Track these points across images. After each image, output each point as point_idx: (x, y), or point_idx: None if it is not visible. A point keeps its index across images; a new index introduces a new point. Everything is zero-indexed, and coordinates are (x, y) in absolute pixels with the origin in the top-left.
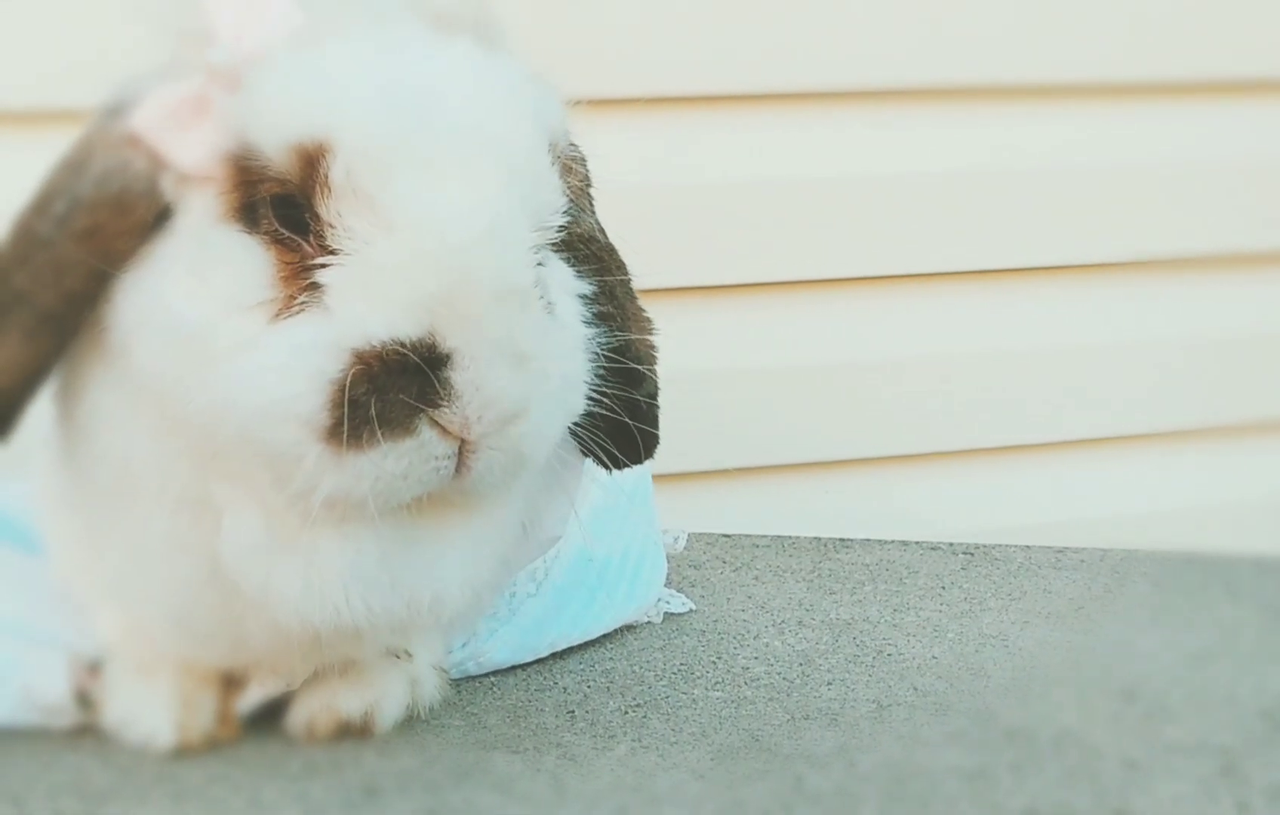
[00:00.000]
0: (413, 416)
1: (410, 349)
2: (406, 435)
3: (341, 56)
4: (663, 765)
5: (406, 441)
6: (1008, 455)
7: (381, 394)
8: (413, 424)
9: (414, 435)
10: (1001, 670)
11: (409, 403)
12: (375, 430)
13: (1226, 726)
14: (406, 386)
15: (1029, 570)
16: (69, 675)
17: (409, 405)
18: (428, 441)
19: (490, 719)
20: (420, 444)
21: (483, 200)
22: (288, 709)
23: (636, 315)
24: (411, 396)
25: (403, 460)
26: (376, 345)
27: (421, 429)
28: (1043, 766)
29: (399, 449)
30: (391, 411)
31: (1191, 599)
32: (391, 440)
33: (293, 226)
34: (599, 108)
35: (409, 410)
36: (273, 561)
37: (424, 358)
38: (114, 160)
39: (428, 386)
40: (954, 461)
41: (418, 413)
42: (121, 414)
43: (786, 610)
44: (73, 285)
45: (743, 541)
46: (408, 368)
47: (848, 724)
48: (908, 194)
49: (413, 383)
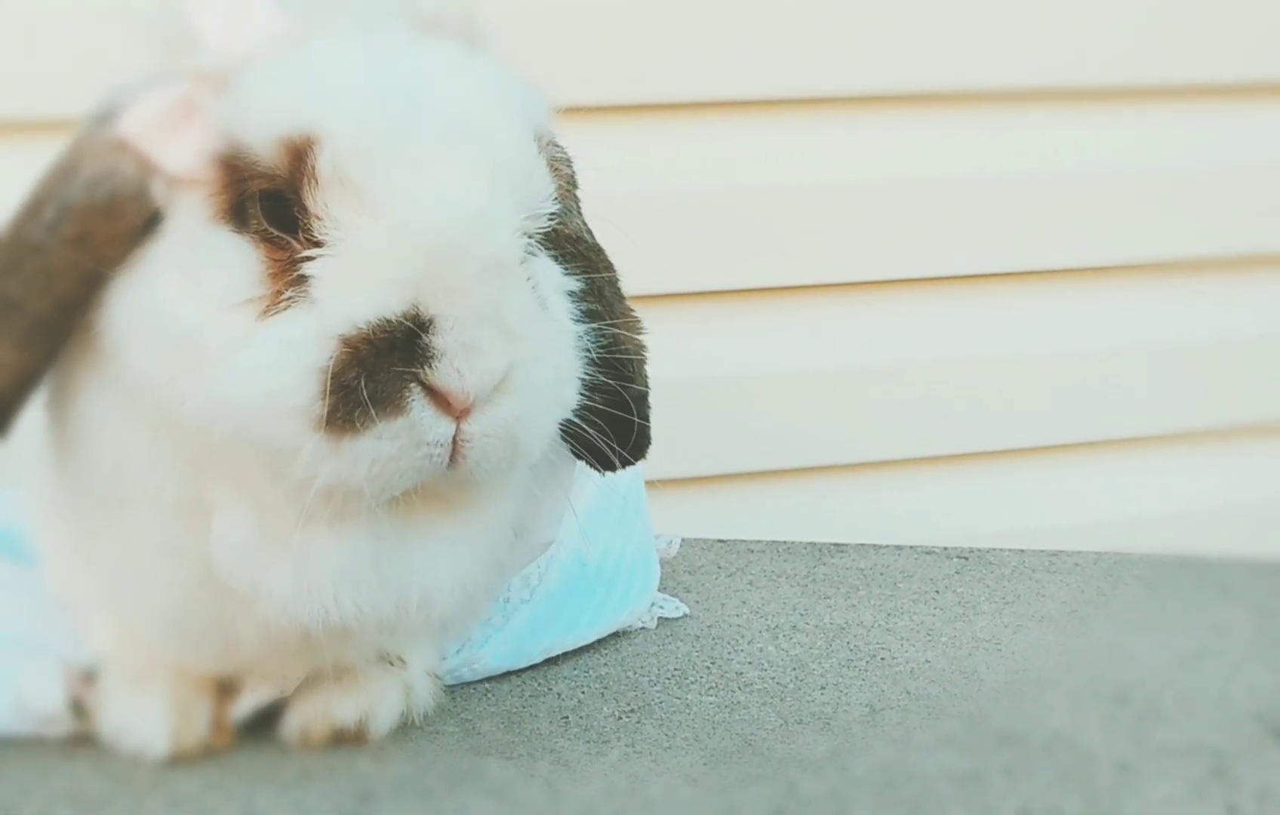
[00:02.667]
0: (403, 390)
1: (395, 324)
2: (399, 413)
3: (328, 55)
4: (656, 770)
5: (399, 420)
6: (1002, 460)
7: (371, 374)
8: (404, 401)
9: (406, 413)
10: (994, 674)
11: (398, 372)
12: (368, 412)
13: (1218, 729)
14: (394, 360)
15: (1022, 574)
16: (64, 684)
17: (398, 376)
18: (420, 420)
19: (484, 725)
20: (413, 423)
21: (470, 186)
22: (282, 716)
23: (625, 314)
24: (399, 364)
25: (397, 440)
26: (363, 328)
27: (413, 406)
28: (1035, 770)
29: (393, 428)
30: (383, 390)
31: (1184, 602)
32: (385, 419)
33: (281, 224)
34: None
35: (399, 383)
36: (263, 560)
37: (408, 328)
38: (103, 166)
39: (413, 351)
40: (948, 466)
41: (408, 384)
42: (114, 418)
43: (781, 615)
44: (64, 291)
45: (737, 546)
46: (395, 343)
47: (841, 728)
48: (902, 199)
49: (399, 353)
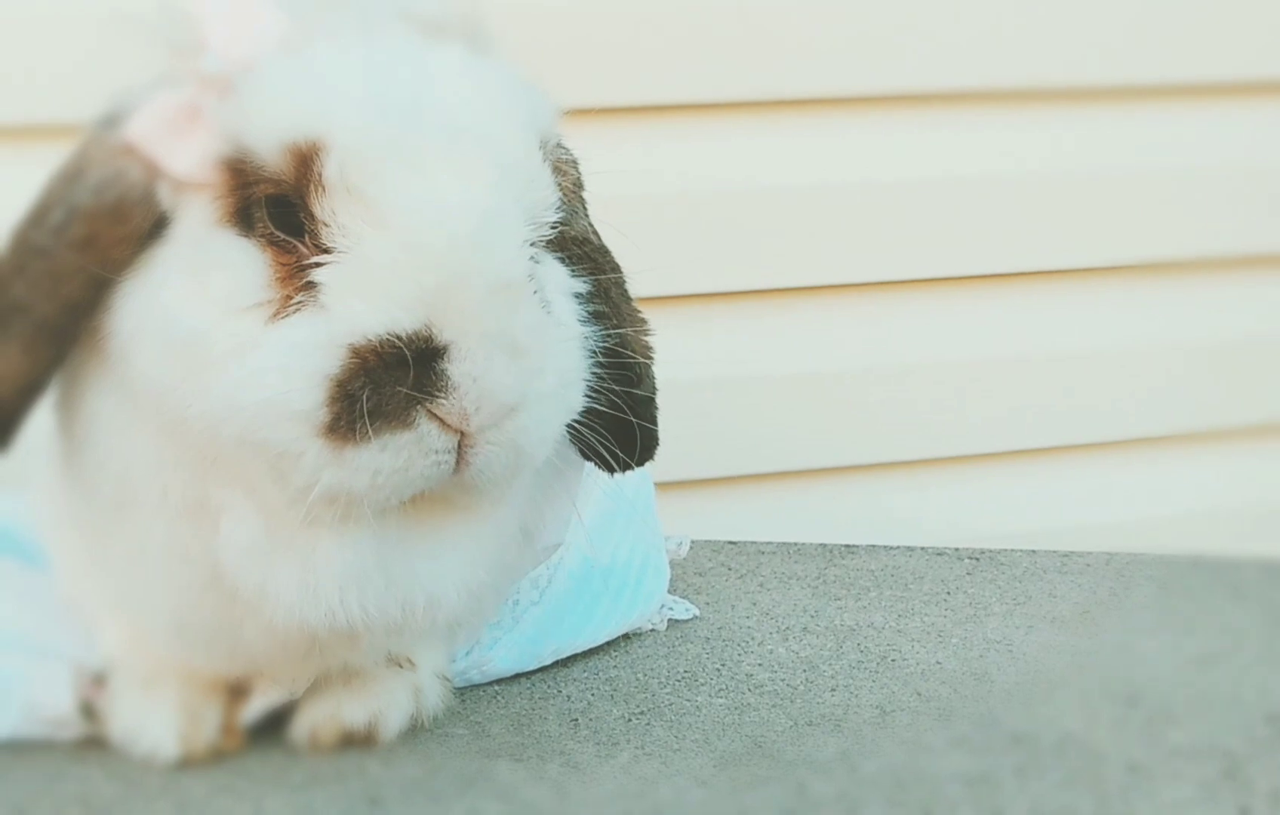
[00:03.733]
0: (410, 409)
1: (405, 342)
2: (404, 428)
3: (333, 59)
4: (665, 772)
5: (404, 435)
6: (1014, 461)
7: (378, 388)
8: (410, 417)
9: (412, 429)
10: (1005, 675)
11: (406, 394)
12: (373, 424)
13: (1230, 730)
14: (402, 379)
15: (1034, 575)
16: (74, 688)
17: (406, 397)
18: (426, 435)
19: (494, 728)
20: (418, 437)
21: (475, 195)
22: (291, 719)
23: (631, 315)
24: (408, 388)
25: (401, 454)
26: (372, 340)
27: (419, 422)
28: (1045, 771)
29: (397, 442)
30: (388, 405)
31: (1197, 603)
32: (390, 433)
33: (288, 228)
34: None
35: (406, 402)
36: (270, 563)
37: (419, 350)
38: (110, 169)
39: (424, 378)
40: (959, 467)
41: (415, 405)
42: (121, 421)
43: (791, 616)
44: (71, 294)
45: (748, 548)
46: (403, 361)
47: (851, 730)
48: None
49: (409, 375)
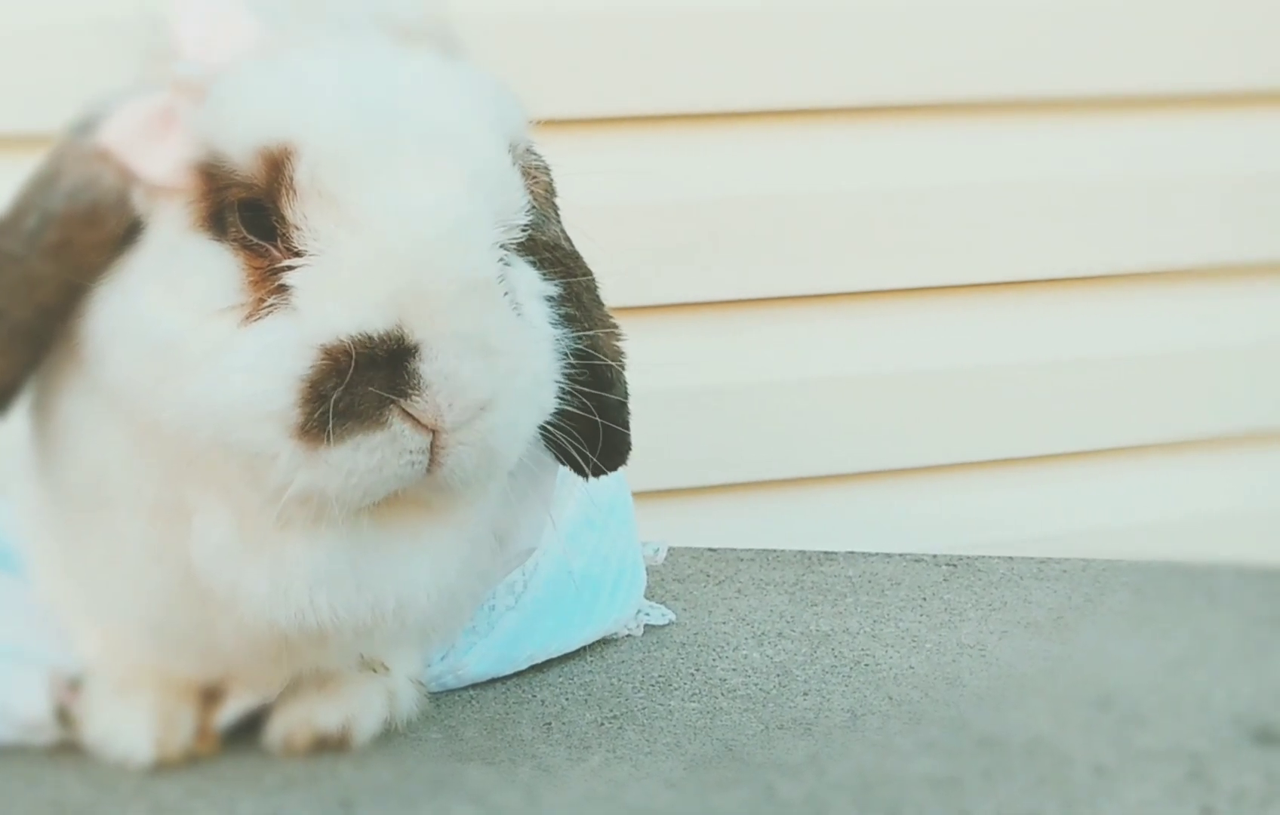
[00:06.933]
0: (383, 408)
1: (377, 342)
2: (377, 428)
3: (305, 64)
4: (636, 775)
5: (378, 434)
6: (991, 468)
7: (350, 388)
8: (383, 416)
9: (385, 428)
10: (977, 679)
11: (378, 395)
12: (345, 423)
13: (1198, 732)
14: (375, 379)
15: (1010, 581)
16: (49, 692)
17: (378, 397)
18: (399, 434)
19: (467, 731)
20: (392, 437)
21: (446, 197)
22: (265, 723)
23: (603, 319)
24: (380, 388)
25: (375, 453)
26: (344, 340)
27: (392, 421)
28: (1013, 774)
29: (370, 441)
30: (361, 404)
31: (1171, 607)
32: (363, 433)
33: (260, 232)
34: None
35: (378, 402)
36: (241, 562)
37: (391, 350)
38: (84, 175)
39: (396, 377)
40: (937, 474)
41: (387, 404)
42: (95, 424)
43: (767, 622)
44: (45, 299)
45: (727, 555)
46: (376, 361)
47: (821, 733)
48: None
49: (381, 375)
